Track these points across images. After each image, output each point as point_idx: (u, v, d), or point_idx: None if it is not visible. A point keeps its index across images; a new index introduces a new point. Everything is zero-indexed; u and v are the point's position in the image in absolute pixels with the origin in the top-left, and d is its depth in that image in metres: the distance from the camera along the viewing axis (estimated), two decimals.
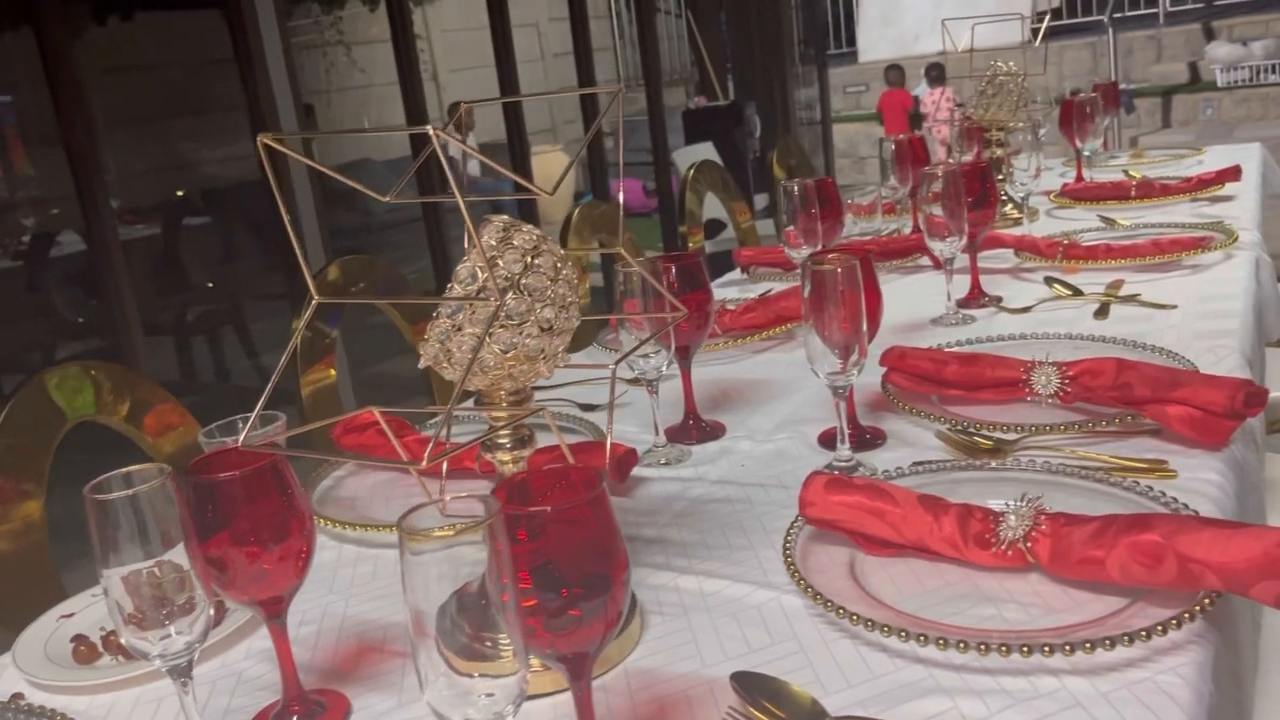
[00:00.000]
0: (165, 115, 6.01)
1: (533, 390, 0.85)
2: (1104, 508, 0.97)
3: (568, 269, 0.83)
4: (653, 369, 1.23)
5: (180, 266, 4.66)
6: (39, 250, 4.27)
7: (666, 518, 1.10)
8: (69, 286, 4.28)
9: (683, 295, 1.27)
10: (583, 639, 0.66)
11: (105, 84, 6.55)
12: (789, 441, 1.26)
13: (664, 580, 0.97)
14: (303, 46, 8.85)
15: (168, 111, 5.91)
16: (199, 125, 5.81)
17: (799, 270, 1.70)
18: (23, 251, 4.33)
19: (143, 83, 6.57)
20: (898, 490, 0.97)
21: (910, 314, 1.72)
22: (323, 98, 8.94)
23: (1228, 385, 1.11)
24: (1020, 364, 1.26)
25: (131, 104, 6.73)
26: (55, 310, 4.27)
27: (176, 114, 5.74)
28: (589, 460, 1.16)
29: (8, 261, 4.36)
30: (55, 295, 4.26)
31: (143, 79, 6.59)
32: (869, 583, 0.92)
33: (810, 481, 0.99)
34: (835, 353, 1.11)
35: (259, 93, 3.21)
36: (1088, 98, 2.60)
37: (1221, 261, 1.77)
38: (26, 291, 4.23)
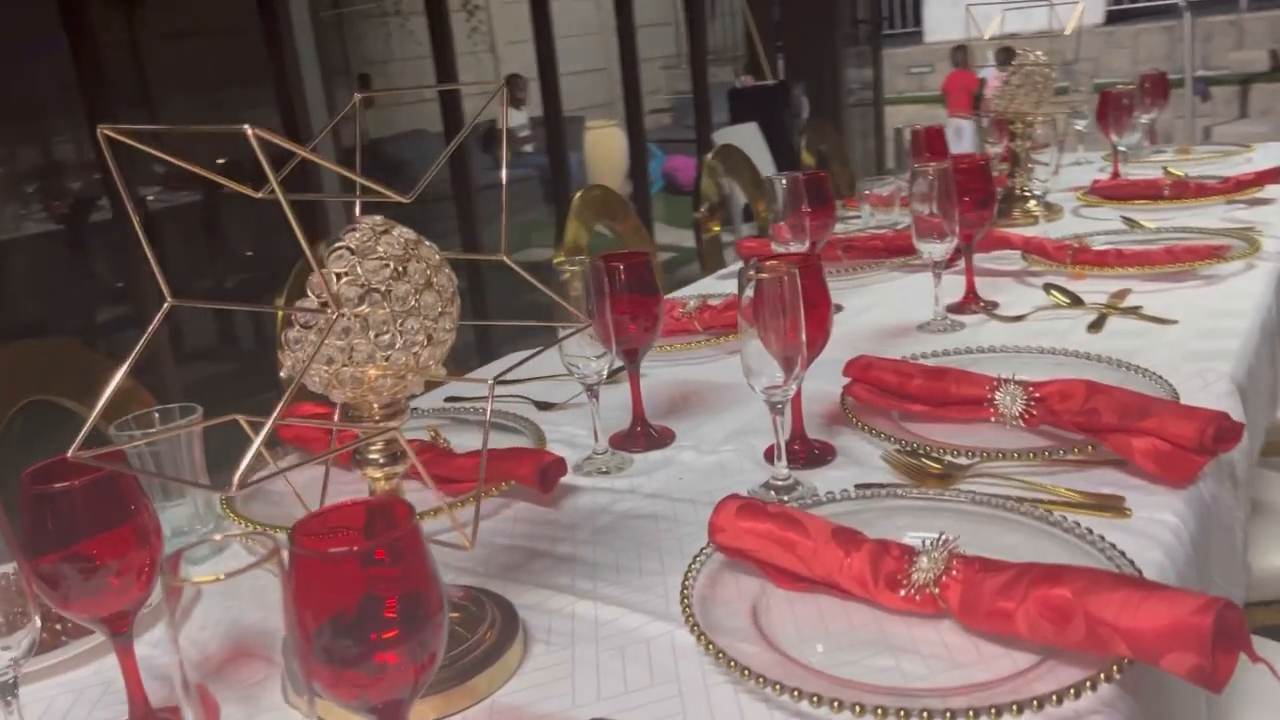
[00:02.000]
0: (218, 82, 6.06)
1: (407, 402, 0.80)
2: (1041, 548, 0.90)
3: (443, 276, 0.77)
4: (593, 373, 1.18)
5: (220, 234, 4.69)
6: (80, 214, 4.33)
7: (586, 533, 1.05)
8: (109, 252, 4.32)
9: (631, 297, 1.21)
10: (392, 686, 0.61)
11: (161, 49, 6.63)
12: (734, 454, 1.20)
13: (561, 605, 0.92)
14: (361, 16, 8.88)
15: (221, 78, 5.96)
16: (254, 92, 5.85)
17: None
18: (65, 215, 4.39)
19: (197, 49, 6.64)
20: (811, 521, 0.90)
21: (900, 317, 1.64)
22: (380, 68, 8.97)
23: (1199, 418, 1.02)
24: (987, 381, 1.18)
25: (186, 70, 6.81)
26: (96, 275, 4.32)
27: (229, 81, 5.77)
28: (514, 469, 1.11)
29: (51, 225, 4.43)
30: (96, 260, 4.31)
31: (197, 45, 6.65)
32: (769, 620, 0.86)
33: (722, 505, 0.93)
34: (772, 367, 1.04)
35: (285, 64, 3.19)
36: (1125, 90, 2.47)
37: (1241, 272, 1.66)
38: (69, 255, 4.30)
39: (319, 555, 0.58)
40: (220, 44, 5.92)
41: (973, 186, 1.58)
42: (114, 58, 6.62)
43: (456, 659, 0.83)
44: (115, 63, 6.63)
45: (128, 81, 6.71)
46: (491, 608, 0.88)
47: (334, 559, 0.58)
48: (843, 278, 1.93)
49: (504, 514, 1.11)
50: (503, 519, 1.10)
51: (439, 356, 0.79)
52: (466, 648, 0.83)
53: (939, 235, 1.52)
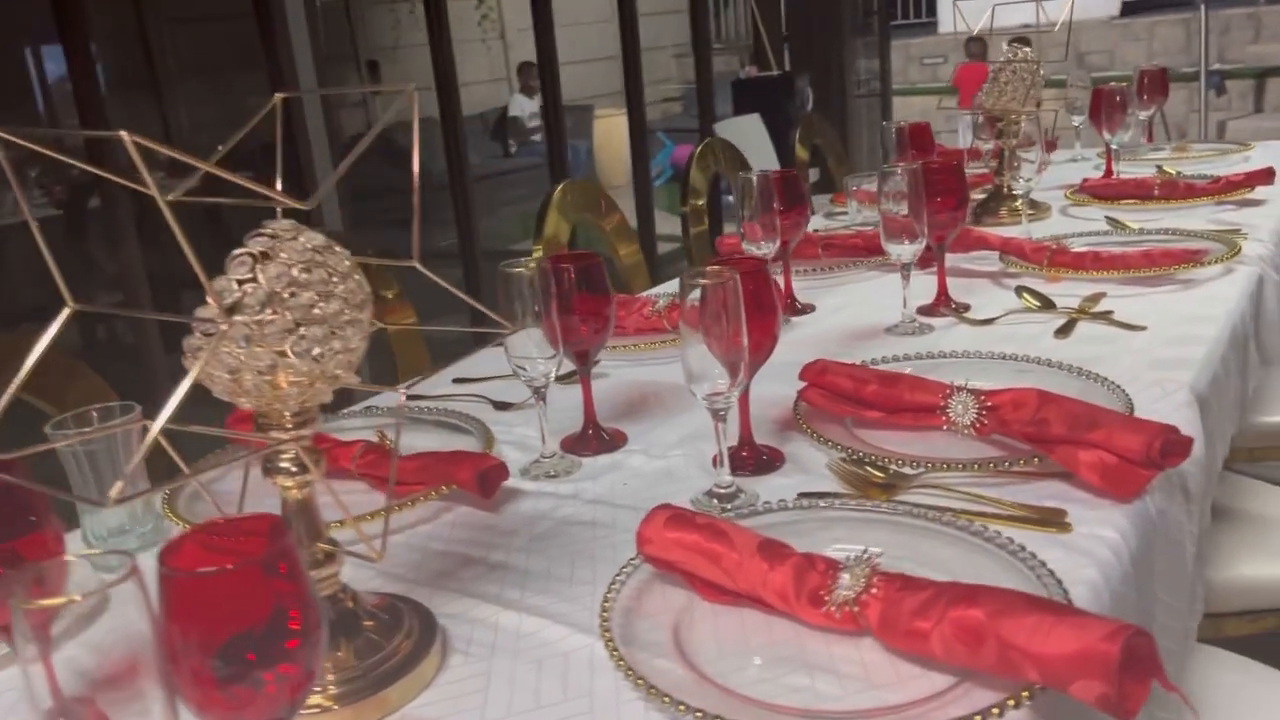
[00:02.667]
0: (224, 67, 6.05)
1: (318, 410, 0.79)
2: (976, 564, 0.88)
3: (350, 283, 0.76)
4: (541, 375, 1.16)
5: (220, 223, 4.69)
6: (79, 200, 4.33)
7: (523, 540, 1.04)
8: (107, 238, 4.33)
9: (582, 299, 1.20)
10: (268, 706, 0.60)
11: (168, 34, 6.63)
12: (683, 459, 1.18)
13: (486, 614, 0.91)
14: (370, 2, 8.86)
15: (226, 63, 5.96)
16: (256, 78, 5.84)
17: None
18: (64, 201, 4.39)
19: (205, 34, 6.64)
20: (739, 533, 0.89)
21: (871, 318, 1.62)
22: (389, 54, 8.95)
23: (1147, 431, 1.00)
24: (940, 389, 1.17)
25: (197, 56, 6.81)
26: (94, 260, 4.32)
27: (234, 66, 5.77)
28: (454, 473, 1.10)
29: (50, 210, 4.43)
30: (93, 246, 4.32)
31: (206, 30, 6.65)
32: (691, 634, 0.84)
33: (651, 516, 0.92)
34: (714, 373, 1.02)
35: (278, 50, 3.17)
36: (1118, 86, 2.43)
37: (1220, 276, 1.63)
38: (66, 240, 4.30)
39: (185, 575, 0.57)
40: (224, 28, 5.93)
41: (945, 187, 1.55)
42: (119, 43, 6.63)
43: (370, 669, 0.82)
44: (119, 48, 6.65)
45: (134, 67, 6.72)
46: (410, 616, 0.87)
47: (202, 578, 0.57)
48: (819, 276, 1.91)
49: (444, 518, 1.10)
50: (442, 524, 1.09)
51: (349, 364, 0.77)
52: (381, 657, 0.82)
53: (909, 236, 1.50)
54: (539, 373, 1.16)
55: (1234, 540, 1.58)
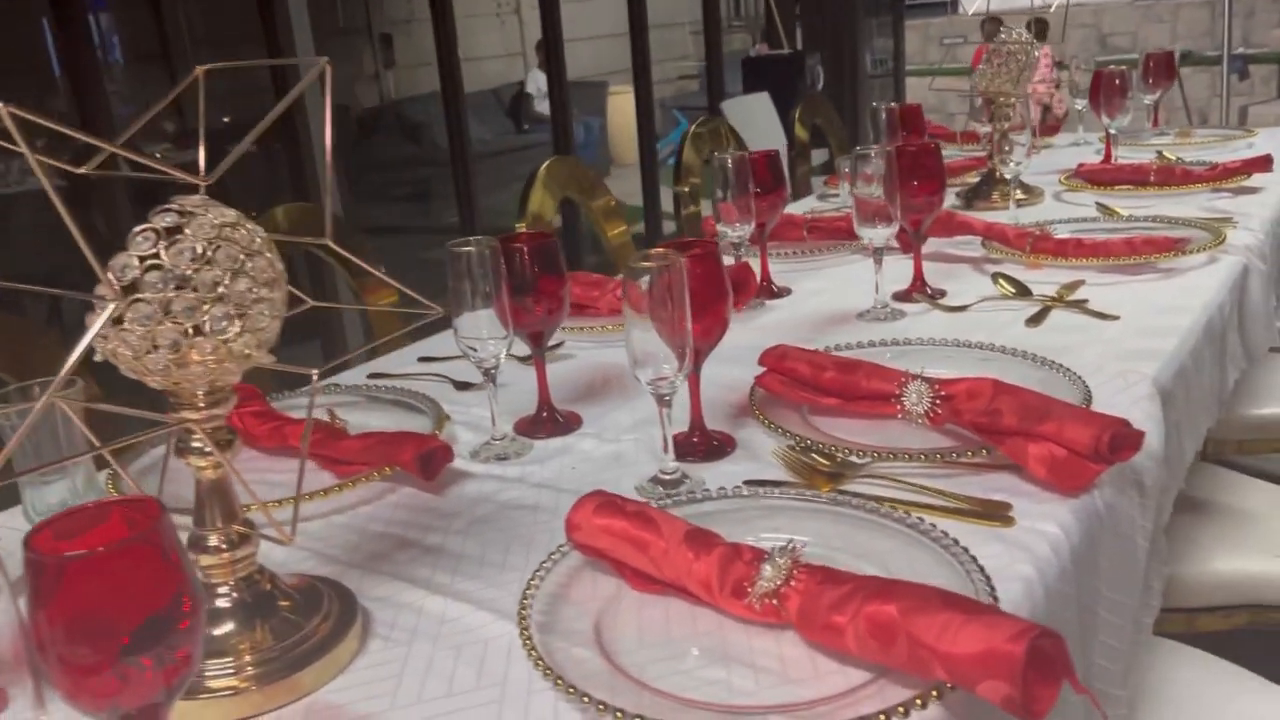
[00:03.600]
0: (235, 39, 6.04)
1: (232, 391, 0.78)
2: (911, 558, 0.87)
3: (260, 260, 0.75)
4: (491, 357, 1.15)
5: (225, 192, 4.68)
6: None
7: (462, 523, 1.02)
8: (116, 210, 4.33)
9: (537, 279, 1.18)
10: (144, 692, 0.59)
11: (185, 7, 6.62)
12: (634, 444, 1.17)
13: (412, 599, 0.89)
14: None
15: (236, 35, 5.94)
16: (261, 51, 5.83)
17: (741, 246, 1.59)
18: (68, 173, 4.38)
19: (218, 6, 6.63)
20: (667, 521, 0.87)
21: (845, 303, 1.59)
22: (403, 28, 8.91)
23: (1096, 424, 0.98)
24: (897, 377, 1.15)
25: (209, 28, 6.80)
26: (98, 231, 4.33)
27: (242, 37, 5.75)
28: (396, 454, 1.08)
29: (59, 180, 4.44)
30: (97, 216, 4.32)
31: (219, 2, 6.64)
32: (614, 624, 0.83)
33: (582, 503, 0.90)
34: (658, 359, 1.01)
35: (275, 23, 3.16)
36: (1117, 70, 2.39)
37: (1204, 265, 1.60)
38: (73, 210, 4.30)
39: (50, 558, 0.56)
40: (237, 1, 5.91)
41: (923, 170, 1.53)
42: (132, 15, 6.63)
43: (287, 650, 0.81)
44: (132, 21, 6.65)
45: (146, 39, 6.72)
46: (330, 599, 0.86)
47: (69, 561, 0.56)
48: (800, 259, 1.89)
49: (388, 499, 1.09)
50: (384, 505, 1.08)
51: (261, 343, 0.76)
52: (298, 639, 0.81)
53: (882, 220, 1.48)
54: (489, 354, 1.15)
55: (1209, 534, 1.56)
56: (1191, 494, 1.64)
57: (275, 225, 1.96)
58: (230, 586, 0.81)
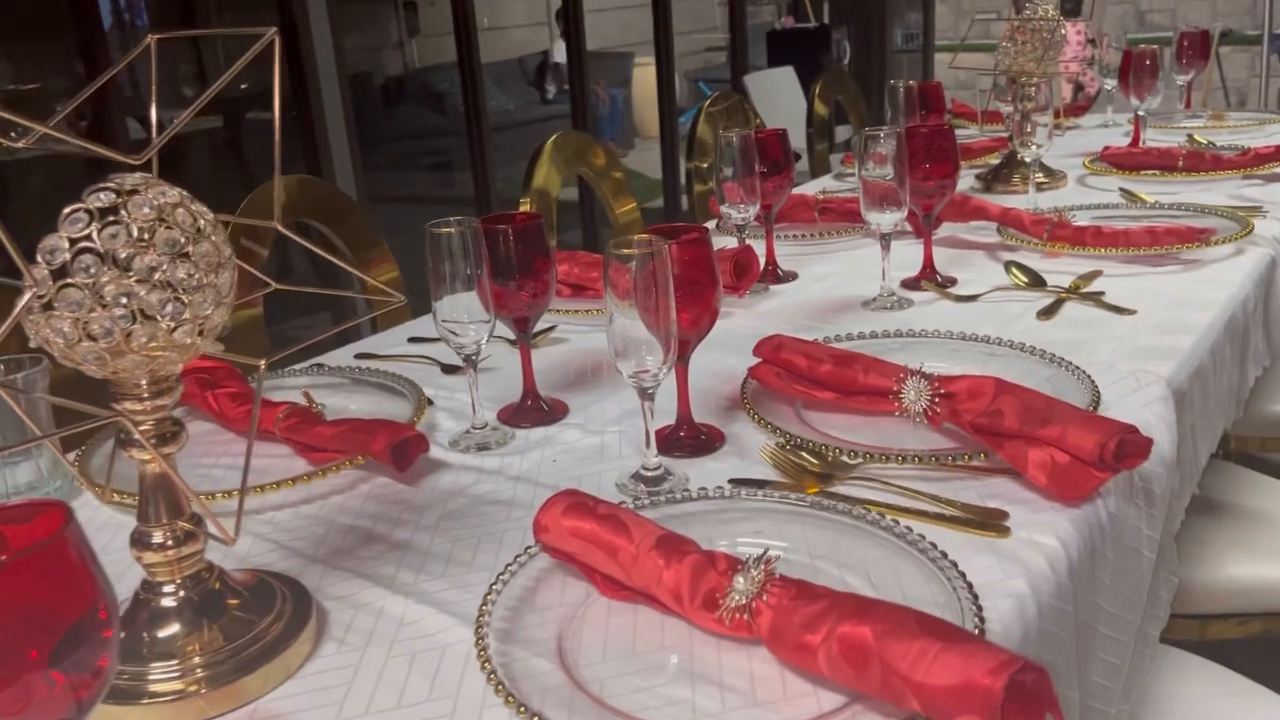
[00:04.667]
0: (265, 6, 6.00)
1: (177, 380, 0.74)
2: (897, 569, 0.82)
3: (205, 244, 0.70)
4: (472, 343, 1.10)
5: (240, 160, 4.66)
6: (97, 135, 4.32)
7: (433, 518, 0.98)
8: None
9: (521, 262, 1.13)
10: (54, 708, 0.55)
11: None
12: (618, 436, 1.12)
13: (373, 599, 0.85)
14: None
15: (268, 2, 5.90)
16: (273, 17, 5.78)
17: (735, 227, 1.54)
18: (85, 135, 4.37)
19: None
20: (639, 525, 0.83)
21: (852, 289, 1.54)
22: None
23: (1102, 430, 0.93)
24: (895, 372, 1.09)
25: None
26: None
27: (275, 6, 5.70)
28: (368, 443, 1.04)
29: None
30: None
31: None
32: (579, 633, 0.79)
33: (551, 503, 0.86)
34: (639, 350, 0.96)
35: None
36: (1148, 49, 2.30)
37: (1229, 257, 1.53)
38: (84, 176, 4.29)
39: None
40: None
41: (935, 153, 1.47)
42: None
43: (236, 652, 0.77)
44: None
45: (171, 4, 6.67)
46: (284, 597, 0.82)
47: None
48: (809, 242, 1.83)
49: (360, 489, 1.05)
50: (356, 495, 1.04)
51: (206, 331, 0.72)
52: (247, 640, 0.78)
53: (890, 205, 1.42)
54: (470, 340, 1.10)
55: (1225, 537, 1.50)
56: (1207, 494, 1.58)
57: (289, 197, 1.92)
58: (176, 585, 0.77)
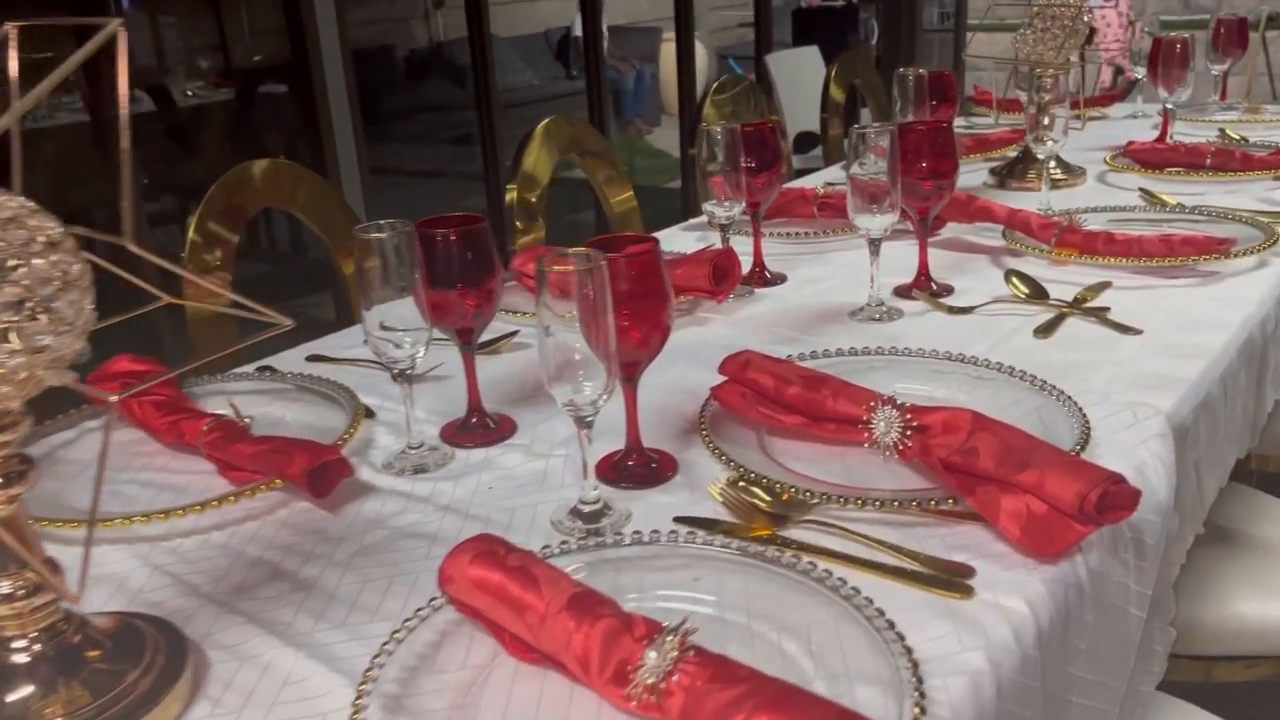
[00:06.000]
0: None
1: (22, 415, 0.66)
2: (843, 636, 0.73)
3: (40, 263, 0.62)
4: (405, 358, 1.02)
5: (253, 133, 4.60)
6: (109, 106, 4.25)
7: (347, 552, 0.90)
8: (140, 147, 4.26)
9: (464, 270, 1.04)
10: None
11: None
12: (564, 461, 1.03)
13: (260, 650, 0.77)
14: None
15: None
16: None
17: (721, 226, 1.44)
18: (95, 106, 4.31)
19: None
20: (552, 579, 0.74)
21: (842, 296, 1.44)
22: None
23: (1084, 478, 0.83)
24: (867, 398, 1.00)
25: None
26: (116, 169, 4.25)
27: None
28: (285, 466, 0.96)
29: (83, 115, 4.37)
30: None
31: None
32: (479, 702, 0.71)
33: (459, 550, 0.77)
34: (576, 373, 0.87)
35: None
36: (1179, 36, 2.17)
37: (1251, 270, 1.42)
38: (94, 150, 4.24)
39: None
40: None
41: (931, 151, 1.36)
42: None
43: (98, 712, 0.69)
44: None
45: None
46: (155, 648, 0.74)
47: None
48: (805, 241, 1.73)
49: (278, 514, 0.97)
50: (272, 522, 0.96)
51: (53, 362, 0.63)
52: (108, 700, 0.70)
53: (881, 207, 1.31)
54: (404, 354, 1.02)
55: (1235, 570, 1.39)
56: (1218, 522, 1.47)
57: (250, 181, 1.85)
58: (28, 640, 0.69)
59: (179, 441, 1.08)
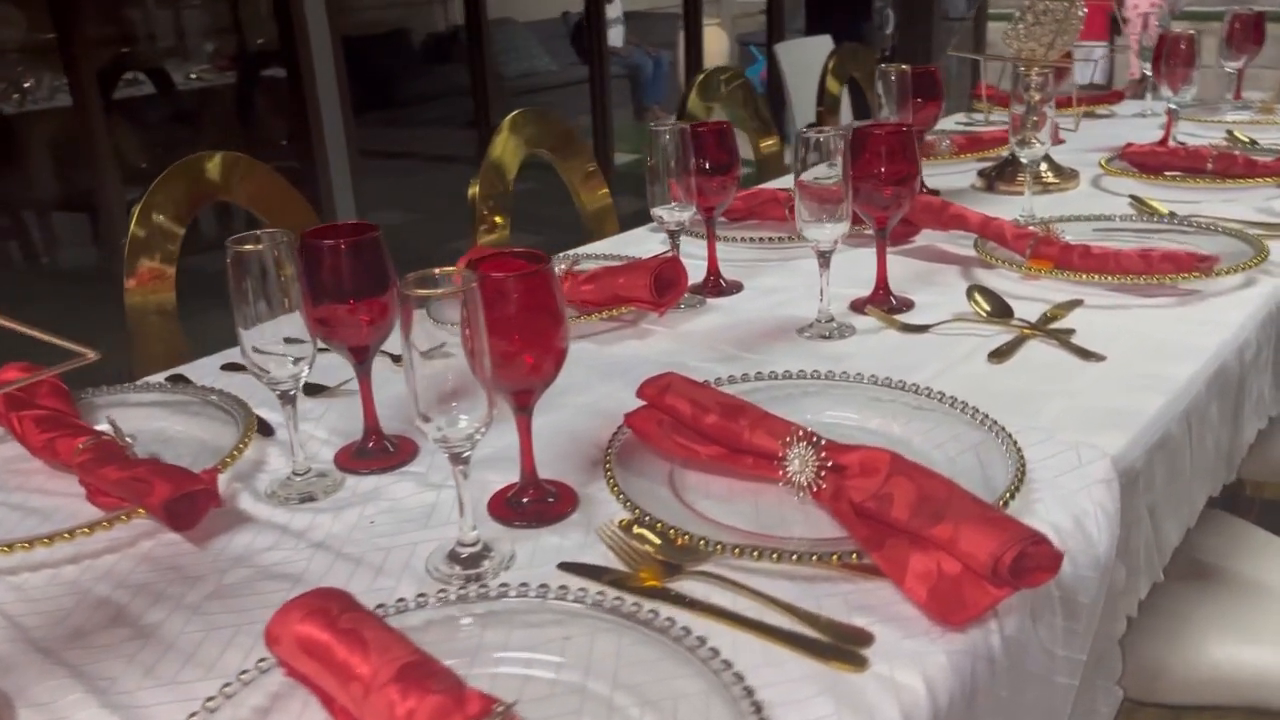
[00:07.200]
0: None
1: None
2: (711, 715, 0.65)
3: None
4: (288, 378, 0.94)
5: (255, 117, 4.54)
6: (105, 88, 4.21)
7: (200, 594, 0.83)
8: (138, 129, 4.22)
9: (356, 284, 0.97)
10: None
11: None
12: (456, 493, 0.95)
13: (77, 713, 0.70)
14: None
15: None
16: None
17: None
18: None
19: None
20: (384, 643, 0.66)
21: (794, 309, 1.35)
22: None
23: (1000, 536, 0.74)
24: (785, 432, 0.91)
25: None
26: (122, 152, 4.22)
27: None
28: (145, 495, 0.89)
29: None
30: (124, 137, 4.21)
31: None
32: None
33: (290, 606, 0.70)
34: (450, 400, 0.79)
35: None
36: (1184, 34, 2.05)
37: (1235, 289, 1.32)
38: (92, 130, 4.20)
39: None
40: None
41: (888, 157, 1.27)
42: None
43: None
44: None
45: None
46: None
47: None
48: (770, 247, 1.64)
49: (141, 547, 0.90)
50: (132, 555, 0.89)
51: None
52: None
53: (834, 216, 1.22)
54: (286, 375, 0.94)
55: (1211, 611, 1.29)
56: (1196, 555, 1.38)
57: (203, 175, 1.78)
58: None
59: (53, 459, 1.01)
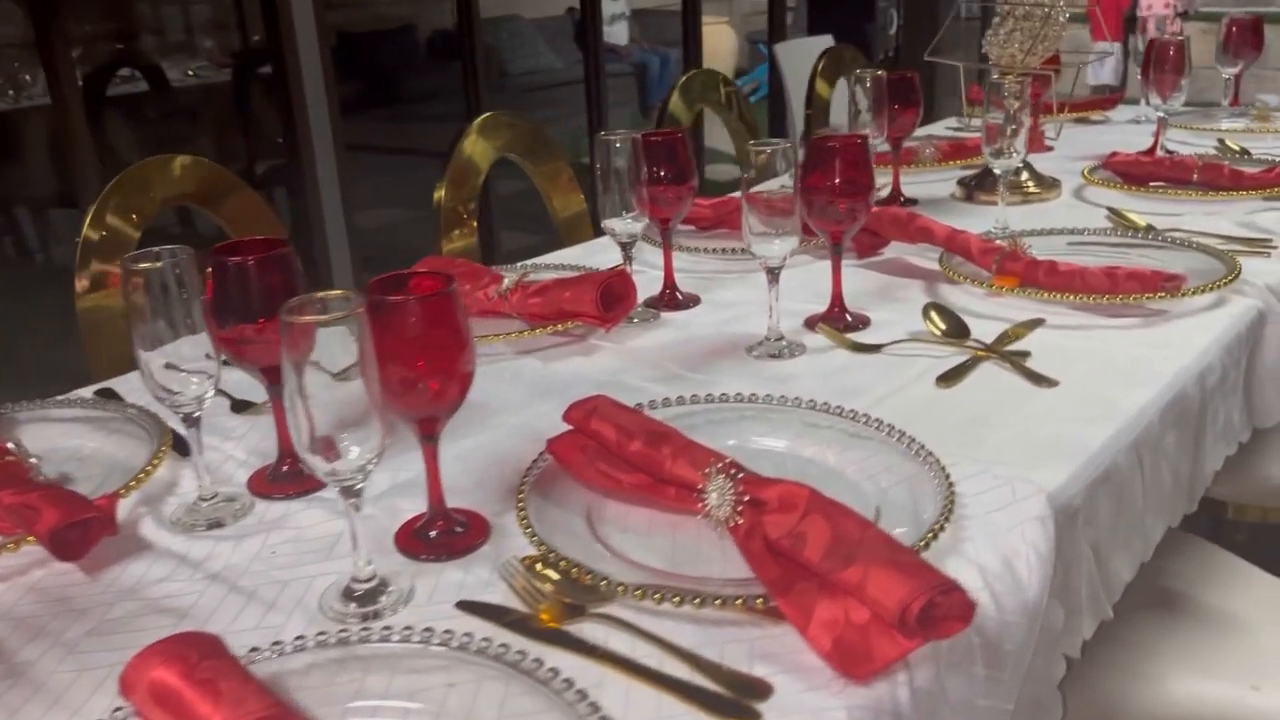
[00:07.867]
0: None
1: None
2: None
3: None
4: (192, 400, 0.91)
5: (251, 115, 4.52)
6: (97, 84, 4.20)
7: (81, 630, 0.79)
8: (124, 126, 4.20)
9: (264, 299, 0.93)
10: None
11: None
12: (375, 520, 0.91)
13: None
14: None
15: None
16: None
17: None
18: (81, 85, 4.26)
19: None
20: (240, 696, 0.63)
21: (746, 326, 1.30)
22: None
23: (910, 582, 0.70)
24: (706, 461, 0.87)
25: None
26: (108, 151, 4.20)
27: None
28: (34, 522, 0.85)
29: None
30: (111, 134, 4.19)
31: None
32: None
33: (150, 651, 0.66)
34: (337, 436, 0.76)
35: None
36: (1173, 40, 2.00)
37: (1206, 309, 1.27)
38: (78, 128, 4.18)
39: None
40: None
41: (843, 168, 1.22)
42: None
43: None
44: None
45: None
46: None
47: None
48: (734, 259, 1.59)
49: (32, 575, 0.86)
50: (20, 585, 0.85)
51: None
52: None
53: (785, 230, 1.18)
54: (191, 395, 0.91)
55: (1176, 644, 1.24)
56: (1164, 583, 1.33)
57: (171, 177, 1.75)
58: None
59: None
